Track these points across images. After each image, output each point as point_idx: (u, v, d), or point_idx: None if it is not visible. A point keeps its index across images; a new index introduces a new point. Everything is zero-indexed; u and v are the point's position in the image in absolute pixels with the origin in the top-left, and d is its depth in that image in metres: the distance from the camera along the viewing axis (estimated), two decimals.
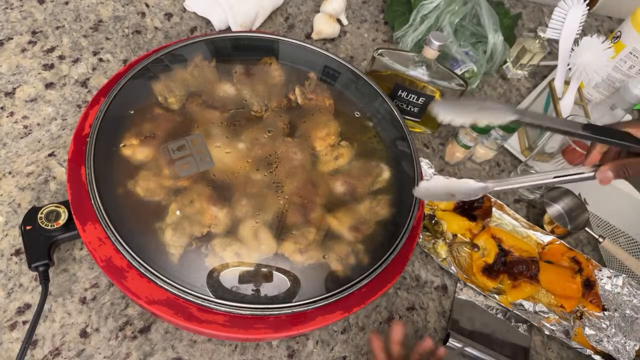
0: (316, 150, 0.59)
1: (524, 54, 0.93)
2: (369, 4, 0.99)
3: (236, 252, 0.50)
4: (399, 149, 0.63)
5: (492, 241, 0.70)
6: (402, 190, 0.59)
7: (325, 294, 0.49)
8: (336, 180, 0.58)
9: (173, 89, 0.59)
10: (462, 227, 0.72)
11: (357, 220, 0.55)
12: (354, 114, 0.65)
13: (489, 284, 0.68)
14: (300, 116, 0.62)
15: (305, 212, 0.54)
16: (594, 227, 0.82)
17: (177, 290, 0.46)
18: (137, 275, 0.47)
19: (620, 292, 0.74)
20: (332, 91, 0.66)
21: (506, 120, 0.45)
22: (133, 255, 0.47)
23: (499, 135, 0.77)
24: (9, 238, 0.59)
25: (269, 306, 0.48)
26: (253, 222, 0.52)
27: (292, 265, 0.51)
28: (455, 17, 0.85)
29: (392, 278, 0.54)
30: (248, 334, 0.47)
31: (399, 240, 0.54)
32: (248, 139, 0.57)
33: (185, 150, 0.54)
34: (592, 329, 0.70)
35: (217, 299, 0.47)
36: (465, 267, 0.70)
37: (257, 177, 0.55)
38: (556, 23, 0.76)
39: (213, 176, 0.54)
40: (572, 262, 0.73)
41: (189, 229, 0.50)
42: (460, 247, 0.71)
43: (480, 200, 0.73)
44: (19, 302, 0.55)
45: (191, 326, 0.46)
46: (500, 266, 0.69)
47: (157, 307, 0.46)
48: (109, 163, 0.52)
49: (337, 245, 0.53)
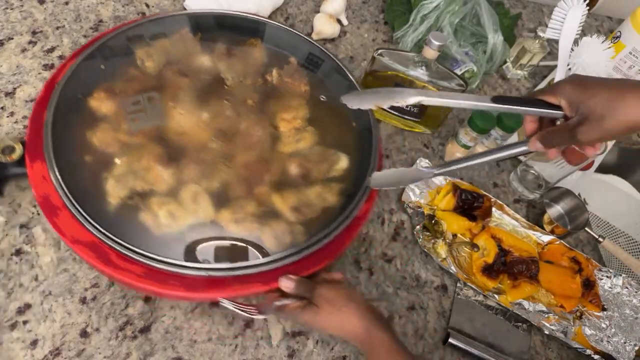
0: (279, 130, 0.61)
1: (523, 54, 0.93)
2: (369, 4, 0.99)
3: (171, 212, 0.52)
4: (364, 142, 0.63)
5: (492, 241, 0.71)
6: (356, 181, 0.59)
7: (246, 264, 0.50)
8: (292, 162, 0.59)
9: (153, 54, 0.62)
10: (462, 227, 0.72)
11: (303, 202, 0.56)
12: (327, 102, 0.66)
13: (488, 283, 0.68)
14: (272, 97, 0.63)
15: (251, 186, 0.56)
16: (594, 227, 0.83)
17: (100, 234, 0.48)
18: (69, 216, 0.49)
19: (620, 292, 0.74)
20: (310, 78, 0.67)
21: (410, 101, 0.48)
22: (69, 197, 0.49)
23: (498, 135, 0.77)
24: (9, 238, 0.59)
25: (185, 264, 0.49)
26: (196, 187, 0.54)
27: (224, 233, 0.52)
28: (455, 17, 0.85)
29: (320, 262, 0.54)
30: (161, 288, 0.48)
31: (336, 228, 0.54)
32: (212, 109, 0.59)
33: (139, 105, 0.57)
34: (592, 328, 0.70)
35: (137, 248, 0.48)
36: (465, 267, 0.70)
37: (211, 146, 0.57)
38: (556, 23, 0.76)
39: (166, 138, 0.56)
40: (572, 262, 0.73)
41: (132, 183, 0.52)
42: (460, 247, 0.71)
43: (480, 200, 0.74)
44: (19, 302, 0.55)
45: (107, 271, 0.48)
46: (500, 266, 0.69)
47: (80, 247, 0.48)
48: (72, 110, 0.55)
49: (275, 223, 0.54)
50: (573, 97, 0.46)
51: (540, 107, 0.48)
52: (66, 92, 0.56)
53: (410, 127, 0.83)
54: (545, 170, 0.78)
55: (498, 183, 0.83)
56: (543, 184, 0.79)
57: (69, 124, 0.54)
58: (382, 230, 0.72)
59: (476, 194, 0.74)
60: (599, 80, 0.47)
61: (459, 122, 0.88)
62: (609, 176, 0.93)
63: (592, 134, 0.45)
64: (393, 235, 0.72)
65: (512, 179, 0.83)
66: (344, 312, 0.50)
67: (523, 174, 0.82)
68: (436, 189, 0.75)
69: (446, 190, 0.74)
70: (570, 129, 0.46)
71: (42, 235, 0.60)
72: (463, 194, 0.73)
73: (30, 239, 0.59)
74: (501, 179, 0.84)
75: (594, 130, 0.45)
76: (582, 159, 0.71)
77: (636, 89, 0.44)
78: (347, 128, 0.65)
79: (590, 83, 0.47)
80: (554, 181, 0.78)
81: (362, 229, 0.65)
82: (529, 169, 0.81)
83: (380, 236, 0.71)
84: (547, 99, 0.48)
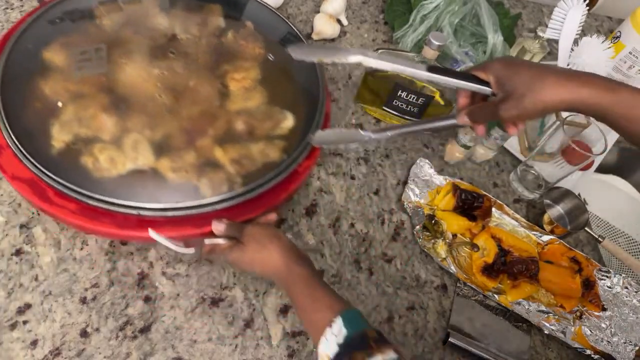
0: (229, 89, 0.63)
1: (523, 54, 0.93)
2: (369, 4, 0.99)
3: (112, 157, 0.55)
4: (311, 102, 0.65)
5: (491, 241, 0.71)
6: (301, 139, 0.62)
7: (178, 205, 0.53)
8: (238, 118, 0.61)
9: (111, 12, 0.65)
10: (462, 227, 0.72)
11: (244, 156, 0.59)
12: (279, 64, 0.69)
13: (488, 283, 0.68)
14: (225, 57, 0.66)
15: (193, 138, 0.58)
16: (594, 227, 0.83)
17: (38, 172, 0.51)
18: (11, 154, 0.53)
19: (620, 292, 0.74)
20: (266, 43, 0.70)
21: (351, 59, 0.51)
22: (12, 136, 0.52)
23: (498, 135, 0.77)
24: (9, 238, 0.59)
25: (117, 201, 0.51)
26: (137, 135, 0.57)
27: (162, 180, 0.55)
28: (455, 17, 0.85)
29: (253, 211, 0.56)
30: (94, 225, 0.52)
31: (271, 179, 0.57)
32: (163, 64, 0.62)
33: (86, 55, 0.60)
34: (592, 328, 0.70)
35: (72, 186, 0.51)
36: (465, 267, 0.70)
37: (157, 98, 0.60)
38: (556, 23, 0.76)
39: (114, 89, 0.59)
40: (572, 262, 0.73)
41: (77, 129, 0.55)
42: (460, 247, 0.71)
43: (480, 201, 0.74)
44: (19, 302, 0.55)
45: (44, 207, 0.52)
46: (500, 266, 0.69)
47: (19, 183, 0.52)
48: (25, 60, 0.58)
49: (213, 173, 0.57)
50: (500, 74, 0.49)
51: (471, 82, 0.51)
52: (20, 44, 0.59)
53: None
54: (545, 170, 0.78)
55: (498, 183, 0.83)
56: (543, 184, 0.79)
57: (21, 73, 0.57)
58: (382, 230, 0.72)
59: (476, 194, 0.74)
60: (526, 62, 0.50)
61: None
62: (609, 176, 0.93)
63: (512, 111, 0.48)
64: (393, 235, 0.72)
65: (512, 179, 0.83)
66: (268, 248, 0.52)
67: (523, 174, 0.82)
68: (436, 189, 0.75)
69: (446, 190, 0.74)
70: (494, 105, 0.49)
71: (42, 235, 0.60)
72: (463, 194, 0.73)
73: (30, 239, 0.59)
74: (501, 179, 0.84)
75: (513, 108, 0.48)
76: (582, 159, 0.71)
77: (557, 74, 0.47)
78: (297, 89, 0.68)
79: (517, 63, 0.50)
80: (554, 181, 0.78)
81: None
82: (529, 169, 0.81)
83: (380, 236, 0.71)
84: (479, 75, 0.51)
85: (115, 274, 0.59)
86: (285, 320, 0.61)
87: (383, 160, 0.79)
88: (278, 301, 0.62)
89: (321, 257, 0.67)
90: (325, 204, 0.72)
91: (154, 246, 0.62)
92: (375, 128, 0.73)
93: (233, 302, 0.61)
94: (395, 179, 0.78)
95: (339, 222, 0.71)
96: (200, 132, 0.59)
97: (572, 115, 0.75)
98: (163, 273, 0.61)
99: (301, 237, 0.68)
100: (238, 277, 0.63)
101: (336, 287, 0.66)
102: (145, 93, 0.60)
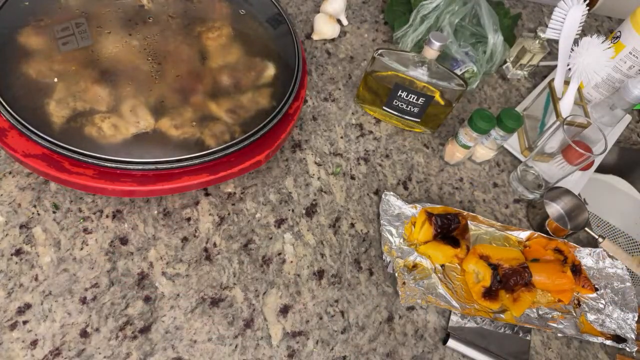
0: (207, 47, 0.67)
1: (523, 54, 0.93)
2: (369, 4, 0.99)
3: (114, 124, 0.57)
4: (287, 49, 0.71)
5: (482, 263, 0.68)
6: (285, 84, 0.67)
7: (191, 155, 0.57)
8: (223, 73, 0.65)
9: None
10: (448, 255, 0.70)
11: (237, 106, 0.63)
12: (251, 17, 0.72)
13: (492, 306, 0.67)
14: (195, 20, 0.69)
15: (186, 96, 0.62)
16: (594, 227, 0.83)
17: (50, 145, 0.53)
18: (17, 134, 0.55)
19: (603, 266, 0.75)
20: (230, 1, 0.73)
21: None
22: (15, 116, 0.54)
23: (498, 135, 0.77)
24: (9, 238, 0.59)
25: (134, 160, 0.55)
26: (134, 101, 0.59)
27: (167, 138, 0.58)
28: (455, 17, 0.85)
29: (260, 152, 0.62)
30: (115, 185, 0.55)
31: (269, 122, 0.63)
32: (142, 32, 0.65)
33: (68, 31, 0.62)
34: (592, 312, 0.70)
35: (88, 152, 0.54)
36: (464, 296, 0.68)
37: (143, 65, 0.62)
38: (556, 23, 0.76)
39: (100, 61, 0.61)
40: (556, 252, 0.73)
41: (72, 104, 0.57)
42: (451, 275, 0.69)
43: (456, 221, 0.71)
44: (19, 302, 0.55)
45: (63, 176, 0.54)
46: (497, 285, 0.67)
47: (33, 160, 0.54)
48: (4, 47, 0.59)
49: (213, 125, 0.61)
50: None
51: None
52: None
53: (410, 127, 0.83)
54: (545, 170, 0.78)
55: (498, 183, 0.83)
56: (543, 184, 0.79)
57: (4, 62, 0.58)
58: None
59: (450, 215, 0.72)
60: None
61: (459, 122, 0.88)
62: (609, 176, 0.93)
63: None
64: None
65: (512, 178, 0.83)
66: None
67: (523, 174, 0.82)
68: (411, 220, 0.72)
69: (421, 220, 0.71)
70: None
71: (42, 235, 0.60)
72: (438, 220, 0.71)
73: (30, 239, 0.59)
74: (501, 179, 0.84)
75: None
76: (582, 159, 0.71)
77: None
78: (271, 39, 0.72)
79: None
80: (554, 181, 0.78)
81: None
82: (529, 169, 0.81)
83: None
84: None
85: (115, 274, 0.60)
86: (285, 320, 0.61)
87: (383, 160, 0.79)
88: (278, 301, 0.62)
89: (321, 257, 0.67)
90: (325, 204, 0.72)
91: (154, 245, 0.62)
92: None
93: (233, 302, 0.61)
94: (395, 179, 0.78)
95: (339, 222, 0.71)
96: (191, 91, 0.62)
97: (572, 115, 0.75)
98: (163, 273, 0.61)
99: (301, 237, 0.68)
100: (238, 277, 0.63)
101: (336, 287, 0.66)
102: (129, 61, 0.62)
